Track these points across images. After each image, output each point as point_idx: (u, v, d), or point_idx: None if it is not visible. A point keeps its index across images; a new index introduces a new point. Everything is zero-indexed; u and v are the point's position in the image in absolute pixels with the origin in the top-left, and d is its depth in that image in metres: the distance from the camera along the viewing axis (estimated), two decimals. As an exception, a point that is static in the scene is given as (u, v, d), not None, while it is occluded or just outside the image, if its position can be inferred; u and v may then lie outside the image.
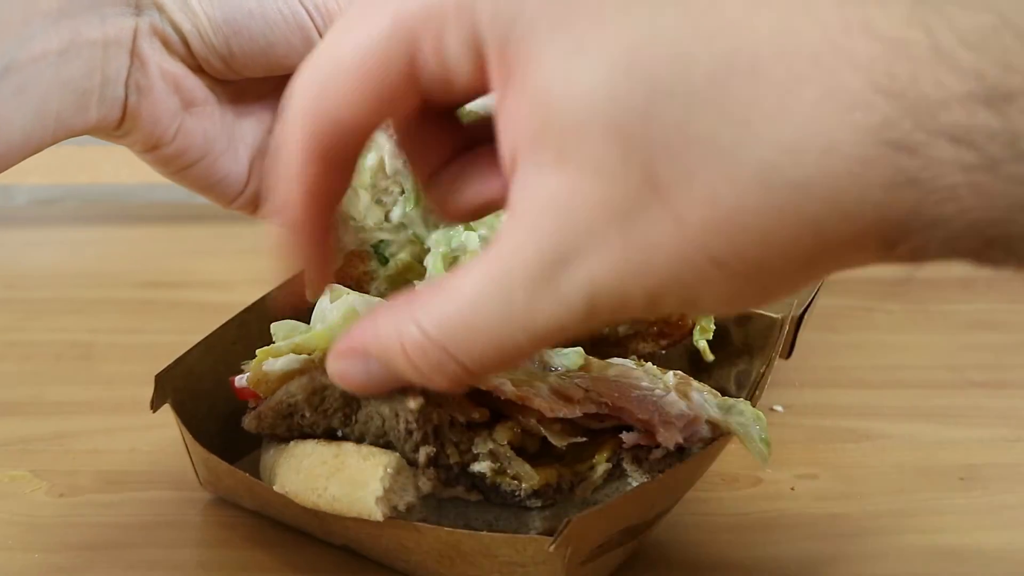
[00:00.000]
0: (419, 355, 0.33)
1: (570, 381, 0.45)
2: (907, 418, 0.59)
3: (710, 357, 0.53)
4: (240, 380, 0.47)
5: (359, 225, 0.51)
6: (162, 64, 0.46)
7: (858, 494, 0.52)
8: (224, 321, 0.53)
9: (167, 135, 0.47)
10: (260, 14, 0.46)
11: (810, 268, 0.29)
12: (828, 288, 0.73)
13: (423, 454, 0.41)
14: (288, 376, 0.45)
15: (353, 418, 0.43)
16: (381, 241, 0.52)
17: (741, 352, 0.55)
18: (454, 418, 0.42)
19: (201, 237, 0.85)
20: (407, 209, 0.50)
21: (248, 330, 0.53)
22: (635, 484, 0.45)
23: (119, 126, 0.47)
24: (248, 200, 0.52)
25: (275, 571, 0.47)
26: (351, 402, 0.42)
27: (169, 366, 0.49)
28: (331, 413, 0.43)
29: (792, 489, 0.52)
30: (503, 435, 0.44)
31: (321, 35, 0.48)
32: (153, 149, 0.48)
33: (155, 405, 0.48)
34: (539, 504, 0.44)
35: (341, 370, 0.36)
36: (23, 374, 0.63)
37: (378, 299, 0.48)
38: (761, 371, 0.51)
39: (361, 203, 0.50)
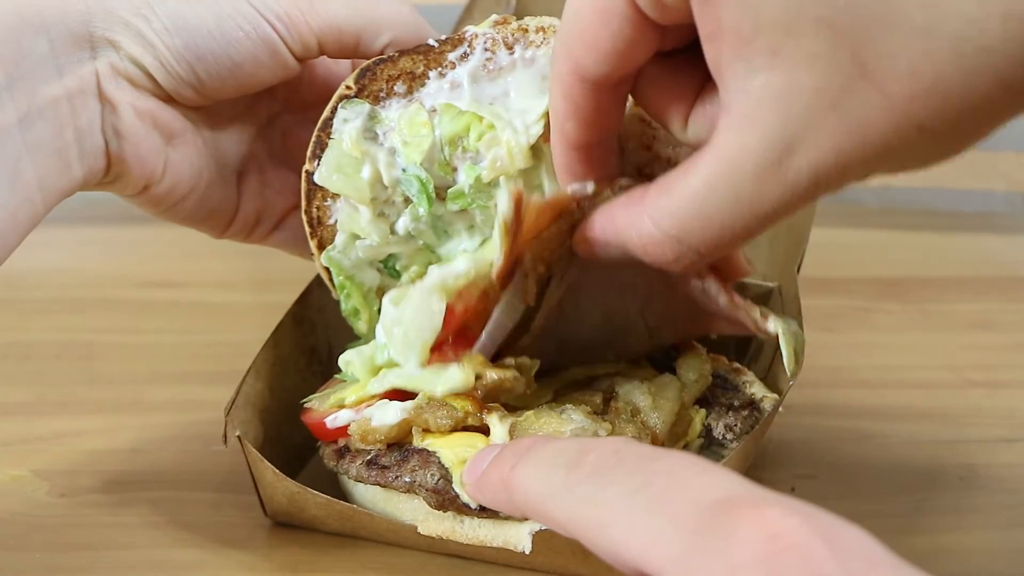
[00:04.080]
0: (654, 246, 0.38)
1: None
2: (906, 418, 0.59)
3: None
4: (334, 421, 0.47)
5: (367, 245, 0.49)
6: (134, 103, 0.45)
7: (857, 494, 0.52)
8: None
9: (156, 173, 0.47)
10: (220, 35, 0.45)
11: (995, 118, 0.33)
12: (828, 288, 0.73)
13: None
14: (399, 427, 0.45)
15: None
16: (391, 255, 0.50)
17: None
18: None
19: (201, 237, 0.84)
20: (420, 213, 0.48)
21: (282, 351, 0.53)
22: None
23: (107, 173, 0.46)
24: (242, 225, 0.51)
25: (275, 571, 0.47)
26: None
27: (233, 399, 0.48)
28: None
29: (792, 489, 0.52)
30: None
31: (289, 47, 0.46)
32: (145, 190, 0.47)
33: (228, 441, 0.47)
34: None
35: (585, 251, 0.42)
36: (24, 374, 0.63)
37: (456, 262, 0.47)
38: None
39: (362, 219, 0.48)
